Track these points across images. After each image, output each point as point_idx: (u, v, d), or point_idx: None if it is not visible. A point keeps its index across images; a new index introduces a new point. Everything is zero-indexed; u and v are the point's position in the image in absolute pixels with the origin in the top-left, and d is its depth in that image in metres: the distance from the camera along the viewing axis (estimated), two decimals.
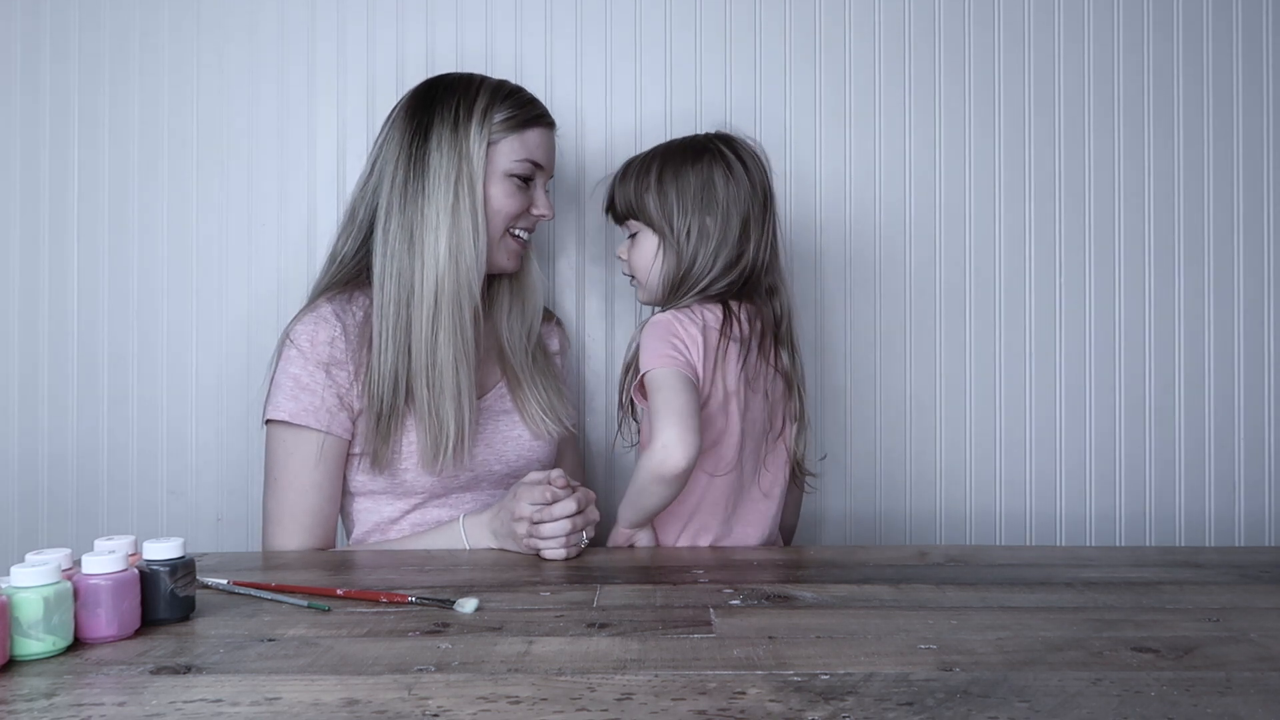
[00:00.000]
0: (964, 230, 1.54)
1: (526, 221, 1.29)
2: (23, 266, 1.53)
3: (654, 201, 1.21)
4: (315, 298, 1.26)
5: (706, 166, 1.20)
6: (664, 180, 1.21)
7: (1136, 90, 1.55)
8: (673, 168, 1.21)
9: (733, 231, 1.19)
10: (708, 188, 1.19)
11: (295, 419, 1.19)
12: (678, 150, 1.23)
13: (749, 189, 1.20)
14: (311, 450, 1.20)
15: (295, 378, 1.20)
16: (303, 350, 1.20)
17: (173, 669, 0.70)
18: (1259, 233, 1.55)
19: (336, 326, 1.22)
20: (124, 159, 1.53)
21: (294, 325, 1.23)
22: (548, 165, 1.30)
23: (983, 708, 0.62)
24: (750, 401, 1.18)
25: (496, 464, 1.29)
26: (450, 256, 1.20)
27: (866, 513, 1.54)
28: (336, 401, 1.20)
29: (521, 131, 1.25)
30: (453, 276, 1.20)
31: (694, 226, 1.19)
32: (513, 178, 1.25)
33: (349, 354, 1.21)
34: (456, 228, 1.21)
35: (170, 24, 1.53)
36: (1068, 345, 1.55)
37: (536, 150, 1.27)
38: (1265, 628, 0.80)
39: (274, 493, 1.21)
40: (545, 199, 1.30)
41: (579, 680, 0.67)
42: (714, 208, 1.19)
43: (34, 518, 1.52)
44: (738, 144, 1.24)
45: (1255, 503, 1.55)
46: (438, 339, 1.20)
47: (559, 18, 1.53)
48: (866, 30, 1.54)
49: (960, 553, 1.13)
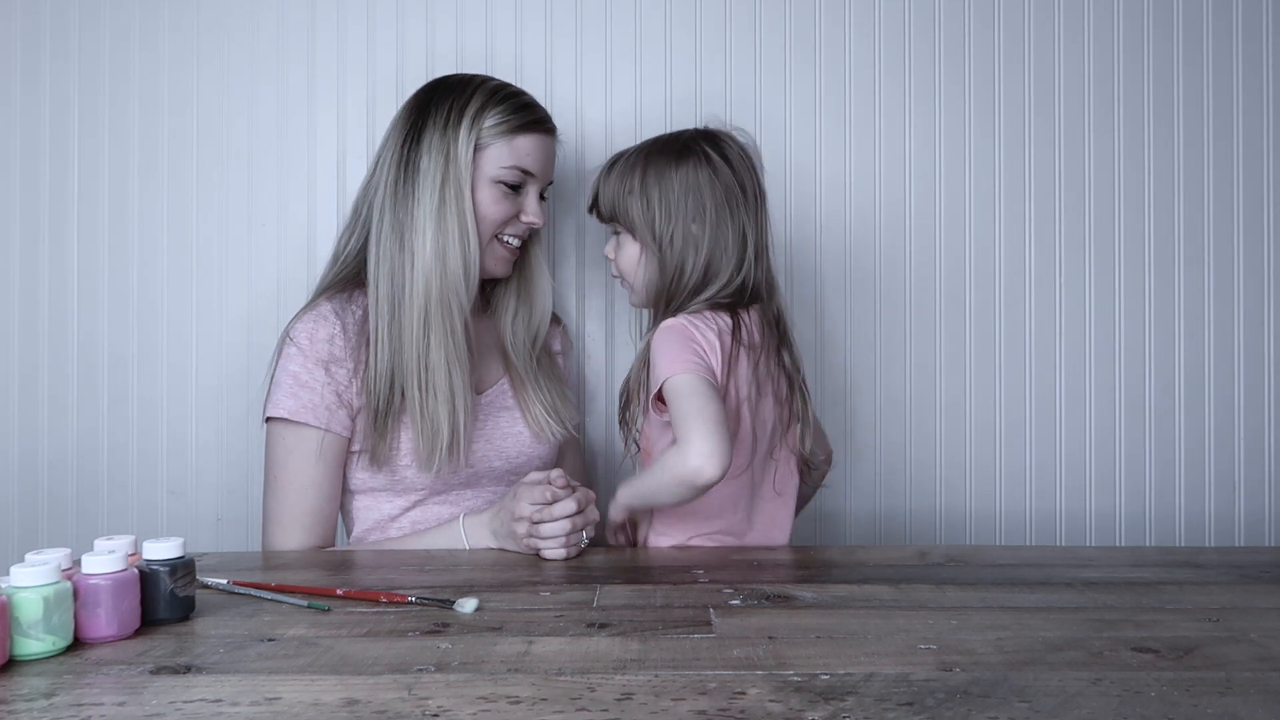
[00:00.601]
0: (964, 230, 1.54)
1: (516, 228, 1.28)
2: (23, 267, 1.53)
3: (637, 207, 1.17)
4: (316, 296, 1.27)
5: (691, 170, 1.16)
6: (647, 184, 1.17)
7: (1136, 90, 1.54)
8: (656, 170, 1.17)
9: (723, 237, 1.15)
10: (692, 193, 1.15)
11: (295, 416, 1.19)
12: (661, 151, 1.19)
13: (738, 191, 1.16)
14: (311, 448, 1.20)
15: (295, 375, 1.20)
16: (302, 348, 1.21)
17: (173, 669, 0.70)
18: (1259, 233, 1.55)
19: (336, 324, 1.22)
20: (124, 159, 1.53)
21: (294, 323, 1.23)
22: (540, 173, 1.27)
23: (983, 708, 0.62)
24: (760, 406, 1.17)
25: (497, 460, 1.29)
26: (437, 259, 1.20)
27: (866, 513, 1.54)
28: (336, 399, 1.20)
29: (512, 137, 1.23)
30: (440, 279, 1.20)
31: (678, 234, 1.15)
32: (500, 184, 1.24)
33: (348, 352, 1.21)
34: (443, 231, 1.20)
35: (170, 23, 1.52)
36: (1068, 345, 1.55)
37: (527, 157, 1.25)
38: (1265, 628, 0.80)
39: (274, 490, 1.21)
40: (537, 206, 1.27)
41: (579, 680, 0.67)
42: (700, 214, 1.15)
43: (34, 518, 1.52)
44: (724, 142, 1.19)
45: (1255, 503, 1.55)
46: (429, 341, 1.20)
47: (559, 17, 1.53)
48: (866, 30, 1.53)
49: (960, 553, 1.13)
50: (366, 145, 1.51)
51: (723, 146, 1.19)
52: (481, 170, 1.23)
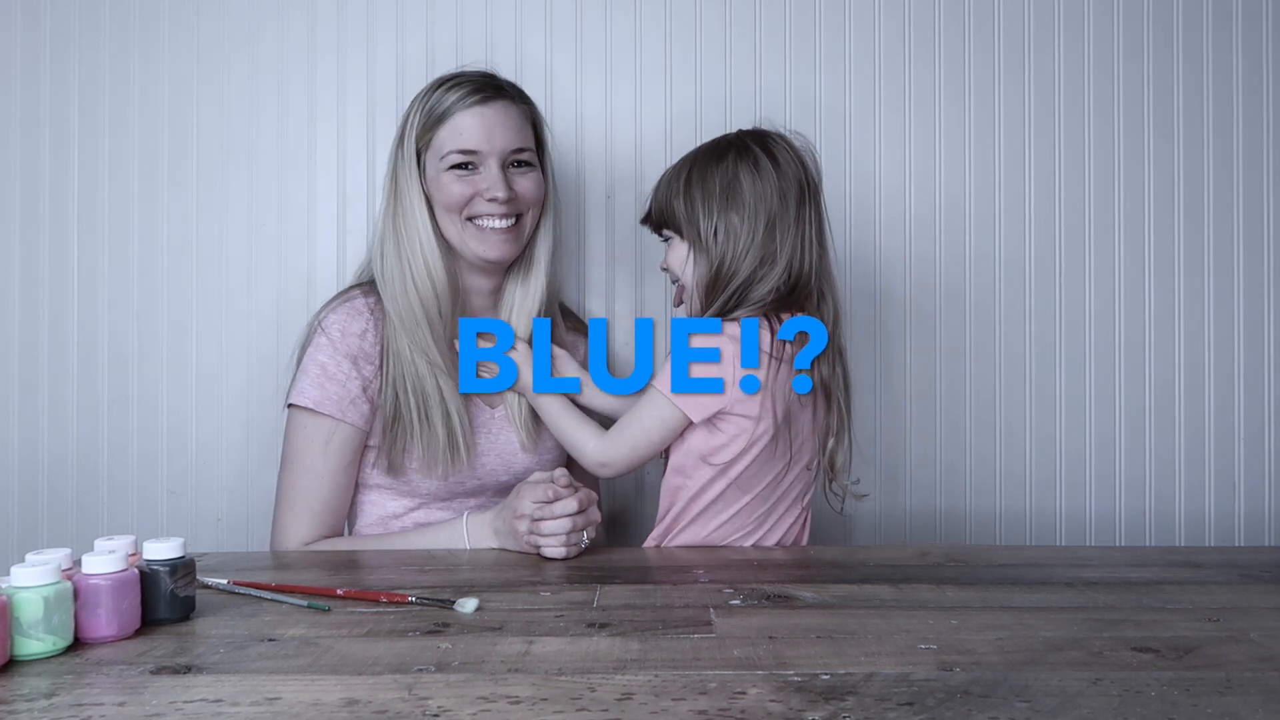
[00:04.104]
0: (963, 230, 1.54)
1: (482, 207, 1.22)
2: (23, 267, 1.53)
3: (680, 206, 1.17)
4: (352, 286, 1.28)
5: (731, 164, 1.15)
6: (690, 184, 1.17)
7: (1136, 91, 1.54)
8: (699, 170, 1.17)
9: (759, 229, 1.13)
10: (733, 185, 1.15)
11: (319, 407, 1.20)
12: (705, 151, 1.19)
13: (777, 185, 1.14)
14: (330, 439, 1.21)
15: (323, 366, 1.21)
16: (333, 340, 1.21)
17: (173, 669, 0.70)
18: (1259, 233, 1.55)
19: (369, 320, 1.23)
20: (125, 155, 1.52)
21: (327, 313, 1.24)
22: (488, 145, 1.21)
23: (983, 708, 0.62)
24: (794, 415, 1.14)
25: (504, 474, 1.29)
26: (404, 274, 1.21)
27: (866, 513, 1.54)
28: (360, 393, 1.21)
29: (444, 122, 1.21)
30: (405, 293, 1.21)
31: (720, 227, 1.14)
32: (454, 169, 1.22)
33: (378, 348, 1.23)
34: (408, 239, 1.22)
35: (170, 29, 1.52)
36: (1068, 345, 1.55)
37: (465, 134, 1.21)
38: (1265, 628, 0.80)
39: (289, 475, 1.22)
40: (498, 178, 1.21)
41: (579, 680, 0.67)
42: (740, 206, 1.14)
43: (34, 517, 1.52)
44: (770, 139, 1.18)
45: (1255, 503, 1.55)
46: (413, 350, 1.21)
47: (559, 17, 1.53)
48: (866, 28, 1.53)
49: (960, 553, 1.13)
50: (366, 148, 1.51)
51: (768, 142, 1.18)
52: (432, 166, 1.23)
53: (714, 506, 1.15)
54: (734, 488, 1.14)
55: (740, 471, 1.13)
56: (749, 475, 1.13)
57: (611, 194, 1.53)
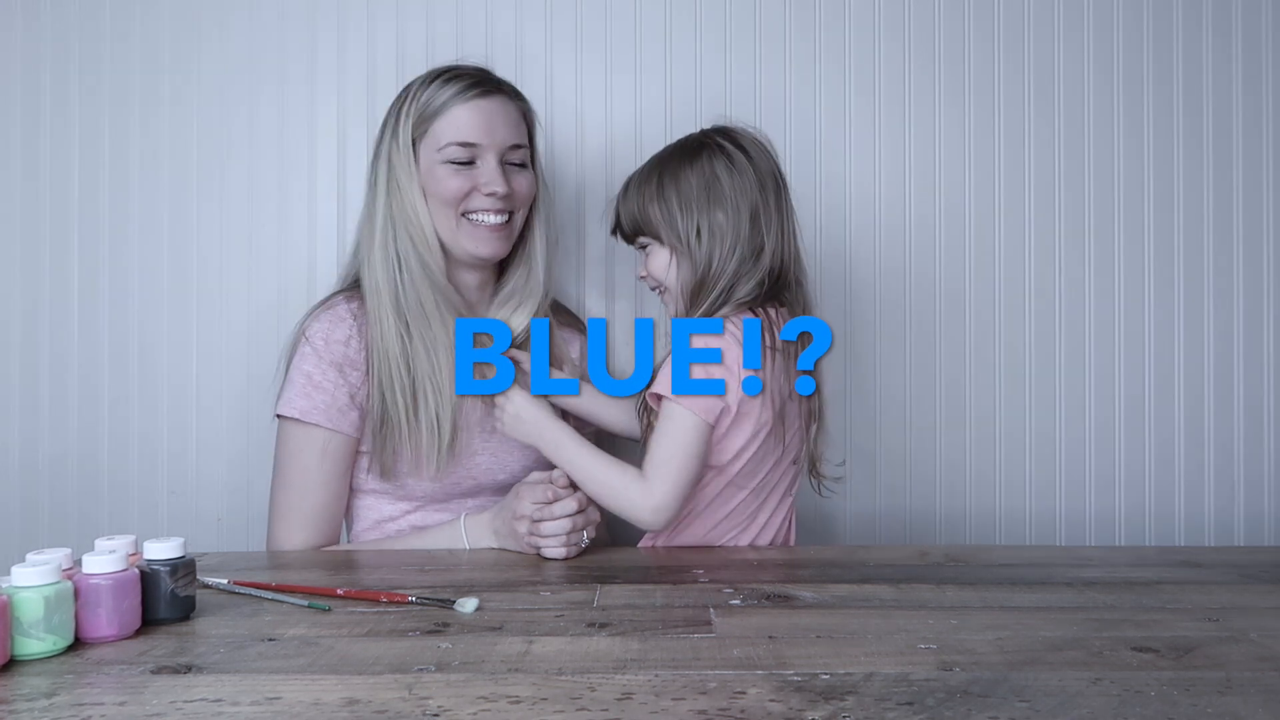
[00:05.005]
0: (963, 230, 1.54)
1: (478, 202, 1.21)
2: (24, 267, 1.53)
3: (657, 210, 1.15)
4: (334, 293, 1.27)
5: (706, 162, 1.14)
6: (664, 187, 1.15)
7: (1136, 91, 1.54)
8: (671, 172, 1.15)
9: (743, 224, 1.12)
10: (712, 183, 1.13)
11: (306, 417, 1.19)
12: (674, 154, 1.18)
13: (754, 178, 1.14)
14: (320, 448, 1.20)
15: (308, 375, 1.20)
16: (317, 349, 1.21)
17: (173, 669, 0.70)
18: (1259, 233, 1.55)
19: (353, 326, 1.22)
20: (125, 159, 1.52)
21: (310, 321, 1.23)
22: (487, 139, 1.21)
23: (983, 708, 0.62)
24: (786, 409, 1.14)
25: (501, 473, 1.28)
26: (389, 272, 1.20)
27: (866, 513, 1.54)
28: (348, 400, 1.21)
29: (442, 115, 1.20)
30: (391, 290, 1.20)
31: (702, 226, 1.13)
32: (450, 163, 1.21)
33: (363, 354, 1.22)
34: (408, 229, 1.21)
35: (170, 23, 1.52)
36: (1067, 345, 1.55)
37: (464, 128, 1.20)
38: (1265, 628, 0.80)
39: (281, 486, 1.22)
40: (495, 173, 1.20)
41: (579, 680, 0.67)
42: (721, 202, 1.13)
43: (35, 517, 1.52)
44: (737, 134, 1.18)
45: (1255, 503, 1.55)
46: (403, 347, 1.19)
47: (559, 16, 1.53)
48: (866, 29, 1.53)
49: (960, 553, 1.13)
50: (366, 148, 1.51)
51: (736, 137, 1.17)
52: (426, 159, 1.21)
53: (712, 505, 1.15)
54: (731, 485, 1.14)
55: (739, 469, 1.13)
56: (746, 472, 1.14)
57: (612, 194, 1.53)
